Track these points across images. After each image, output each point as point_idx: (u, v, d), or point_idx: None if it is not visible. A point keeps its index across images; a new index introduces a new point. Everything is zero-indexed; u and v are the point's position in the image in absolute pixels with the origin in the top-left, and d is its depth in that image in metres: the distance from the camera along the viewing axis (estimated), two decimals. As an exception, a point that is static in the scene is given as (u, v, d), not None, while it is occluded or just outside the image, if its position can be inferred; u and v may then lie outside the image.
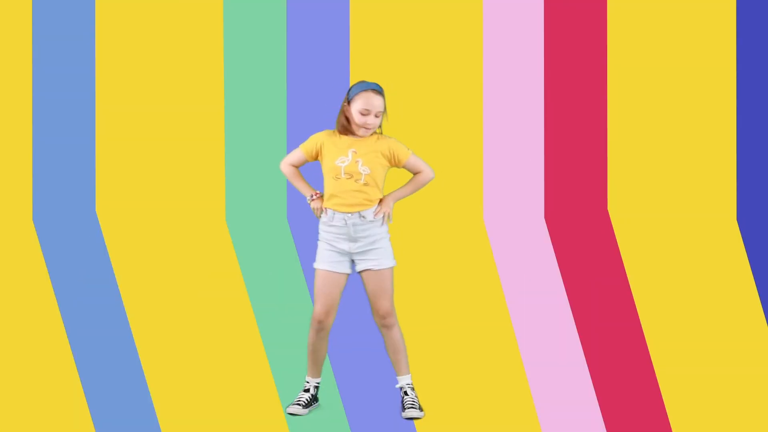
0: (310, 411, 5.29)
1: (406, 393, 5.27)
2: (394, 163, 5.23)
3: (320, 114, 5.74)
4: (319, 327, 5.24)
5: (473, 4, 6.25)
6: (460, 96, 6.28)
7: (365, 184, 5.17)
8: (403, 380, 5.29)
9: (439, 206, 6.22)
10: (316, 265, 5.25)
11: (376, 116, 5.17)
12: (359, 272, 5.22)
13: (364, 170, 5.17)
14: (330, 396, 5.46)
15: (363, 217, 5.17)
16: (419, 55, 6.27)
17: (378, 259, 5.21)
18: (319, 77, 6.26)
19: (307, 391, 5.32)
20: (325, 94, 6.07)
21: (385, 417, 5.24)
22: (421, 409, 5.22)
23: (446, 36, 6.25)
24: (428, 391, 5.42)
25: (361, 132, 5.19)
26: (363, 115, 5.16)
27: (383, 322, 5.24)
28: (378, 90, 5.18)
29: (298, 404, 5.27)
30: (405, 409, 5.23)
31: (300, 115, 6.26)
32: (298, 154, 5.28)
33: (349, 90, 5.21)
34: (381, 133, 5.25)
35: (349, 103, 5.19)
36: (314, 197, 5.24)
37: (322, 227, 5.23)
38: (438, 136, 6.21)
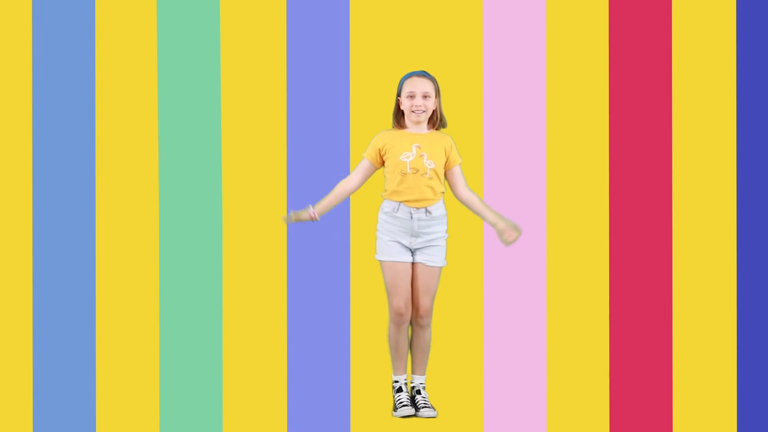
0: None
1: (419, 392, 5.22)
2: (447, 164, 5.19)
3: (320, 117, 5.73)
4: (400, 320, 5.16)
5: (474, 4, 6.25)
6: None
7: (430, 179, 5.13)
8: (418, 380, 5.24)
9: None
10: (380, 258, 5.19)
11: (425, 97, 5.14)
12: (412, 263, 5.17)
13: (429, 164, 5.12)
14: (330, 396, 5.46)
15: (429, 212, 5.13)
16: (420, 56, 6.25)
17: (433, 255, 5.18)
18: (319, 80, 6.23)
19: (400, 390, 5.25)
20: (325, 97, 6.05)
21: (387, 416, 5.24)
22: (433, 408, 5.19)
23: (446, 35, 6.25)
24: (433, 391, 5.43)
25: (413, 118, 5.15)
26: (410, 98, 5.15)
27: (420, 321, 5.17)
28: (421, 74, 5.18)
29: (405, 405, 5.20)
30: (418, 408, 5.17)
31: (300, 117, 6.24)
32: (364, 164, 5.21)
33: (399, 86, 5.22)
34: (442, 130, 5.22)
35: (399, 96, 5.19)
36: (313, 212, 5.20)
37: (384, 218, 5.17)
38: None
